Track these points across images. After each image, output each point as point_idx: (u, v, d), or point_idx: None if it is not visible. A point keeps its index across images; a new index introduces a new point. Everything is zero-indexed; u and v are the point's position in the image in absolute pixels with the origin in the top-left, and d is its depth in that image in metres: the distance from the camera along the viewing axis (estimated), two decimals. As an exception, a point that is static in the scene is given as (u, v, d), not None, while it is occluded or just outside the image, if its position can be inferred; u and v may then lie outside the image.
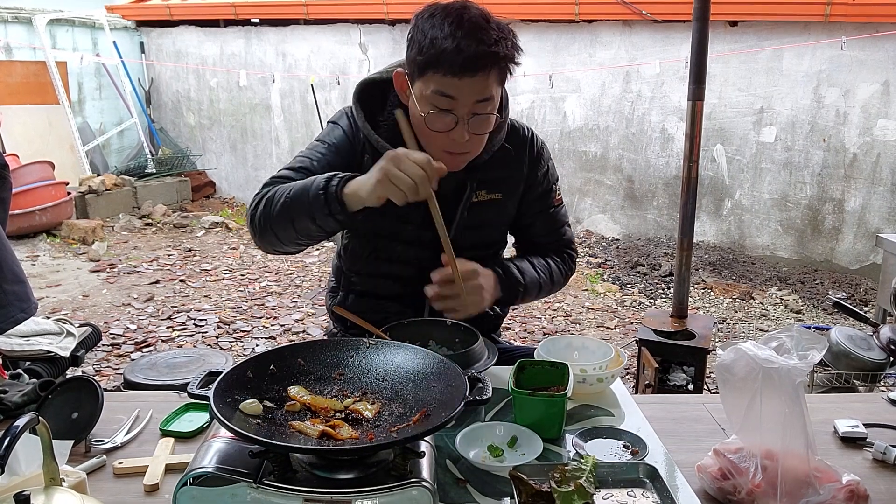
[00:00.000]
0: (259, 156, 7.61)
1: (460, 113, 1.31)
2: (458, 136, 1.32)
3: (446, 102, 1.30)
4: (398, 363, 1.08)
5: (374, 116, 1.46)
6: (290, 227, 1.32)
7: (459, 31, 1.25)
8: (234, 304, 4.53)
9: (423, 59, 1.28)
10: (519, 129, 1.56)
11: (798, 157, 5.33)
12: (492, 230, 1.58)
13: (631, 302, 4.69)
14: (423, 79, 1.30)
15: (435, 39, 1.26)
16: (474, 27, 1.26)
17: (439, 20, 1.28)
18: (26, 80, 6.70)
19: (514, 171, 1.54)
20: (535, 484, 0.96)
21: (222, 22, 7.42)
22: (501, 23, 1.32)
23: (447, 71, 1.26)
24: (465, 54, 1.24)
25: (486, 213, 1.52)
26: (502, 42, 1.28)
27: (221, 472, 0.86)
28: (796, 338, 1.05)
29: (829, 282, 5.05)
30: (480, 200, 1.50)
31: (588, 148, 6.09)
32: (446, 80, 1.27)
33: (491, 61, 1.27)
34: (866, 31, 4.88)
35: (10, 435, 0.78)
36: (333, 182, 1.25)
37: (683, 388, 2.69)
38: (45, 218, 5.74)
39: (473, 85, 1.28)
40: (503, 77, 1.33)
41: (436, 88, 1.29)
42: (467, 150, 1.38)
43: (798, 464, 1.00)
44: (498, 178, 1.51)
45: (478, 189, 1.49)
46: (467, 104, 1.30)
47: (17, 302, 1.81)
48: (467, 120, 1.31)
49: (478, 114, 1.32)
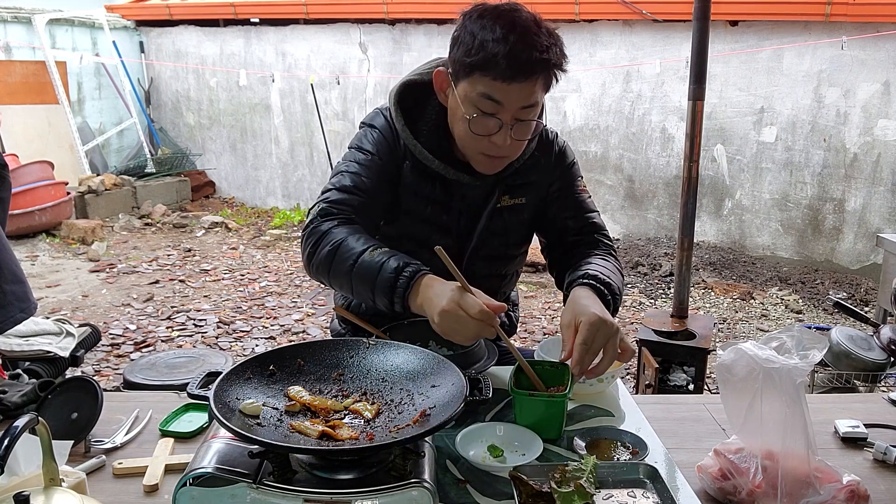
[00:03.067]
0: (259, 155, 7.61)
1: (505, 118, 1.27)
2: (499, 141, 1.29)
3: (492, 106, 1.26)
4: (398, 363, 1.08)
5: (414, 121, 1.42)
6: (347, 287, 1.29)
7: (512, 35, 1.21)
8: (233, 304, 4.52)
9: (472, 61, 1.24)
10: (543, 131, 1.53)
11: (798, 157, 5.33)
12: (515, 235, 1.54)
13: (631, 302, 4.69)
14: (470, 80, 1.26)
15: (486, 42, 1.22)
16: (526, 31, 1.23)
17: (490, 22, 1.23)
18: (26, 79, 6.70)
19: (541, 175, 1.51)
20: (535, 484, 0.96)
21: (222, 22, 7.42)
22: (550, 28, 1.28)
23: (497, 75, 1.22)
24: (518, 60, 1.21)
25: (508, 218, 1.50)
26: (552, 49, 1.25)
27: (221, 473, 0.85)
28: (797, 338, 1.05)
29: (829, 282, 5.05)
30: (503, 206, 1.48)
31: (588, 148, 6.09)
32: (495, 84, 1.24)
33: (541, 68, 1.24)
34: (867, 31, 4.88)
35: (10, 435, 0.78)
36: (402, 280, 1.20)
37: (684, 388, 2.69)
38: (44, 218, 5.74)
39: (521, 91, 1.25)
40: (549, 84, 1.30)
41: (483, 91, 1.25)
42: (507, 154, 1.35)
43: (798, 464, 1.00)
44: (524, 184, 1.49)
45: (504, 194, 1.47)
46: (512, 109, 1.27)
47: (16, 302, 1.81)
48: (511, 125, 1.28)
49: (521, 120, 1.29)
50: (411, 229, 1.45)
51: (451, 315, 1.12)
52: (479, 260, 1.50)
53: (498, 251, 1.53)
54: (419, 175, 1.42)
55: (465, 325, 1.12)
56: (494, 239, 1.49)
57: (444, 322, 1.13)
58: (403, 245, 1.40)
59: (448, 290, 1.14)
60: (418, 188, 1.43)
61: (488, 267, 1.53)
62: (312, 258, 1.32)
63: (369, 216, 1.40)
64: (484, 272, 1.52)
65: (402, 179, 1.43)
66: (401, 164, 1.43)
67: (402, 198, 1.44)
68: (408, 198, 1.44)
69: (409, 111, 1.42)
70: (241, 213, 7.34)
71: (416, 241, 1.45)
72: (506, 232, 1.51)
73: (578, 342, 1.16)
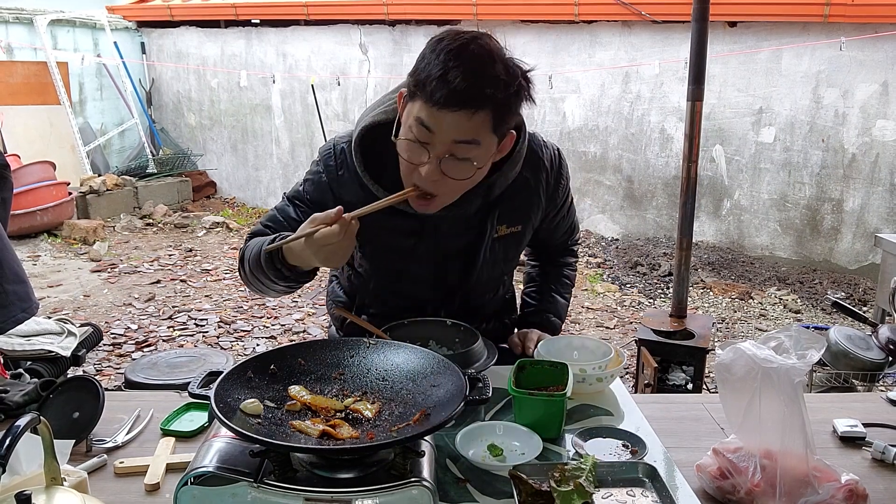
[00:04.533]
0: (259, 156, 7.61)
1: (435, 149, 1.18)
2: (427, 173, 1.19)
3: (424, 134, 1.17)
4: (398, 363, 1.08)
5: (383, 164, 1.32)
6: (260, 285, 1.32)
7: (454, 61, 1.12)
8: (234, 303, 4.53)
9: (412, 83, 1.18)
10: (536, 149, 1.43)
11: (797, 158, 5.33)
12: (510, 262, 1.55)
13: (630, 302, 4.69)
14: (412, 103, 1.19)
15: (428, 64, 1.14)
16: (473, 60, 1.13)
17: (444, 45, 1.15)
18: (27, 80, 6.71)
19: (534, 197, 1.44)
20: (534, 483, 0.96)
21: (223, 23, 7.42)
22: (515, 65, 1.18)
23: (427, 98, 1.14)
24: (450, 85, 1.11)
25: (505, 247, 1.46)
26: (503, 84, 1.15)
27: (222, 472, 0.86)
28: (795, 337, 1.05)
29: (827, 282, 5.05)
30: (501, 235, 1.43)
31: (587, 148, 6.09)
32: (426, 108, 1.15)
33: (480, 101, 1.13)
34: (865, 32, 4.89)
35: (12, 434, 0.78)
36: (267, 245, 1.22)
37: (683, 387, 2.70)
38: (46, 218, 5.74)
39: (456, 121, 1.14)
40: (498, 123, 1.18)
41: (418, 115, 1.17)
42: (436, 192, 1.24)
43: (797, 463, 1.00)
44: (517, 209, 1.43)
45: (498, 224, 1.41)
46: (445, 142, 1.17)
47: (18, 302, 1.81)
48: (440, 159, 1.18)
49: (455, 156, 1.18)
50: (389, 263, 1.44)
51: (320, 246, 1.12)
52: (477, 287, 1.51)
53: (497, 279, 1.56)
54: (388, 212, 1.30)
55: (332, 241, 1.11)
56: (491, 268, 1.48)
57: (321, 255, 1.13)
58: (380, 277, 1.48)
59: (303, 239, 1.14)
60: (382, 222, 1.33)
61: (483, 286, 1.54)
62: (240, 273, 1.37)
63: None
64: (477, 301, 1.55)
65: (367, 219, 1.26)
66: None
67: (367, 237, 1.34)
68: (372, 235, 1.36)
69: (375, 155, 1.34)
70: (242, 213, 7.35)
71: (392, 273, 1.46)
72: (504, 260, 1.50)
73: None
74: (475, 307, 1.54)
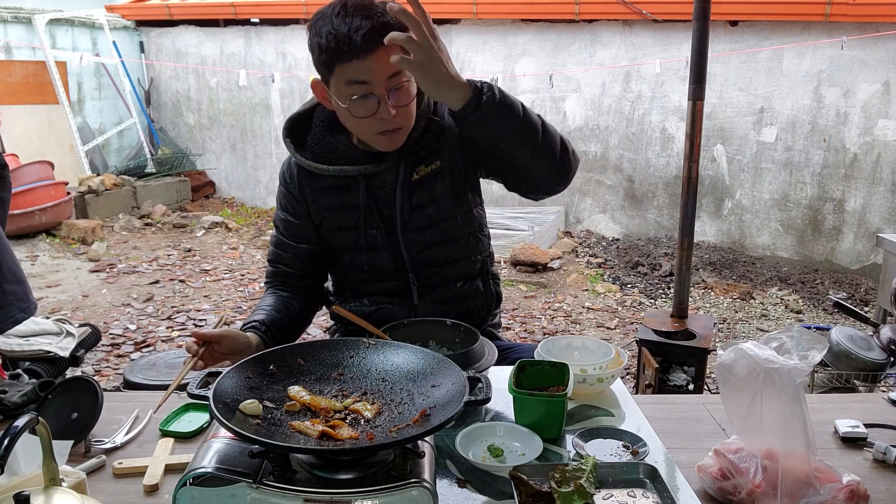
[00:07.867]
0: (259, 155, 7.61)
1: (378, 92, 1.31)
2: (385, 115, 1.33)
3: (362, 88, 1.31)
4: (398, 363, 1.08)
5: (304, 144, 1.52)
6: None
7: (347, 16, 1.27)
8: (233, 304, 4.52)
9: (327, 56, 1.30)
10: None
11: (798, 157, 5.33)
12: (445, 200, 1.51)
13: (631, 302, 4.69)
14: (335, 75, 1.32)
15: (329, 33, 1.28)
16: (358, 8, 1.28)
17: (327, 15, 1.30)
18: (26, 79, 6.70)
19: (448, 133, 1.51)
20: (535, 484, 0.96)
21: (222, 22, 7.42)
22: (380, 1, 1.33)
23: (352, 55, 1.27)
24: (361, 31, 1.25)
25: (432, 187, 1.50)
26: (387, 14, 1.28)
27: (221, 473, 0.85)
28: (797, 338, 1.05)
29: (829, 282, 5.05)
30: (421, 176, 1.49)
31: (588, 148, 6.09)
32: (353, 65, 1.28)
33: (386, 31, 1.22)
34: (867, 31, 4.89)
35: (10, 435, 0.78)
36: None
37: (684, 388, 2.69)
38: (44, 218, 5.74)
39: (380, 60, 1.27)
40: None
41: (348, 78, 1.30)
42: (399, 125, 1.39)
43: (798, 464, 1.00)
44: (433, 148, 1.49)
45: (416, 166, 1.48)
46: (381, 81, 1.30)
47: (16, 302, 1.81)
48: (387, 96, 1.32)
49: (395, 88, 1.33)
50: (344, 241, 1.54)
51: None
52: (415, 235, 1.51)
53: (430, 218, 1.51)
54: (324, 191, 1.52)
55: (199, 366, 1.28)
56: (424, 210, 1.50)
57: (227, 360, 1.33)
58: (346, 257, 1.54)
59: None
60: (329, 203, 1.52)
61: (430, 240, 1.52)
62: None
63: (303, 263, 1.58)
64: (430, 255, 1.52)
65: (313, 205, 1.53)
66: (306, 196, 1.54)
67: (323, 219, 1.54)
68: (327, 216, 1.53)
69: (300, 138, 1.53)
70: (241, 213, 7.34)
71: (352, 249, 1.53)
72: (434, 200, 1.50)
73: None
74: (452, 294, 1.56)
